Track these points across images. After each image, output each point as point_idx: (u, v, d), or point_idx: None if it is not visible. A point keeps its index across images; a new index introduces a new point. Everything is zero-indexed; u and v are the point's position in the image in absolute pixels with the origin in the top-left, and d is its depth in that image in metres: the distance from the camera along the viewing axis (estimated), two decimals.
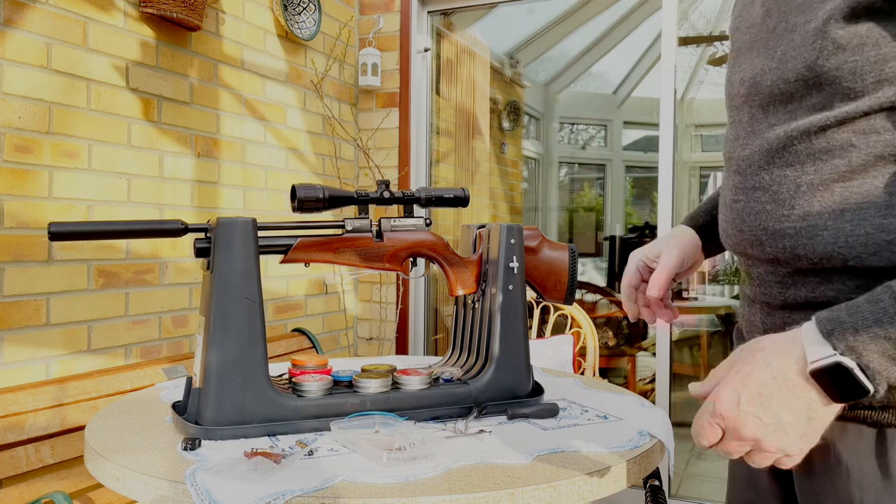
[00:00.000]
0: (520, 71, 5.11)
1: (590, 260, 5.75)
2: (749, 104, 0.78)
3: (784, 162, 0.72)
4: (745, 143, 0.78)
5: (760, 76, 0.76)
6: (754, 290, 0.81)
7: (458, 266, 1.28)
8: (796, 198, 0.71)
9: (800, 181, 0.71)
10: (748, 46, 0.80)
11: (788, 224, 0.72)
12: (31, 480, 1.58)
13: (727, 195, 0.81)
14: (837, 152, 0.68)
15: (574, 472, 0.92)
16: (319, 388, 1.13)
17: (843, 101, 0.68)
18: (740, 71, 0.81)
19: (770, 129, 0.74)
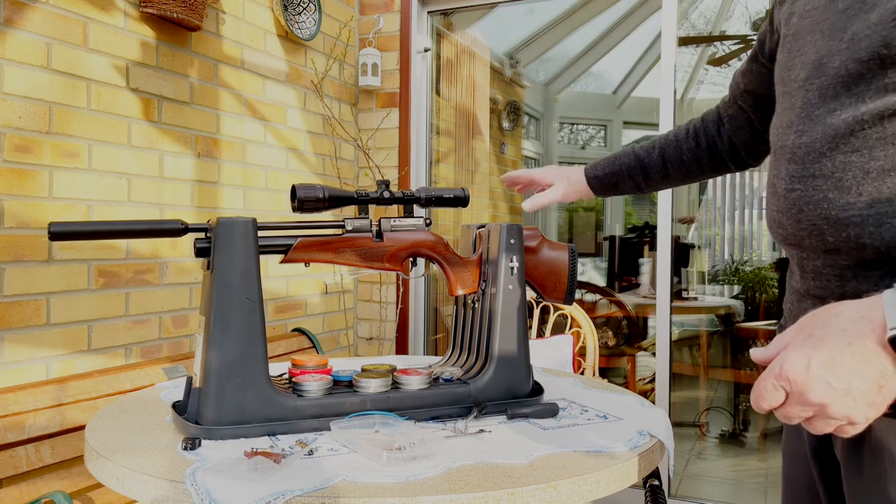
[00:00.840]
0: (520, 71, 5.12)
1: (589, 260, 5.75)
2: (806, 88, 0.76)
3: (850, 147, 0.70)
4: (801, 130, 0.75)
5: (827, 57, 0.73)
6: (807, 283, 0.78)
7: (458, 266, 1.28)
8: (864, 184, 0.69)
9: (868, 167, 0.69)
10: (808, 29, 0.78)
11: (854, 212, 0.70)
12: (32, 480, 1.58)
13: (779, 184, 0.78)
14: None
15: (574, 472, 0.92)
16: (319, 388, 1.13)
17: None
18: (801, 55, 0.78)
19: (831, 113, 0.72)
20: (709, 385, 3.98)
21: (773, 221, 0.82)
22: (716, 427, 3.67)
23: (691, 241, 4.96)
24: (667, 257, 2.70)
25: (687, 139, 1.16)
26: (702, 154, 1.16)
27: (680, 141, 1.16)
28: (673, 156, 1.16)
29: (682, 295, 4.19)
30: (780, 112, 0.83)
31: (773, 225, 0.82)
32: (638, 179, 1.19)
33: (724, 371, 3.99)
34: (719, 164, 1.17)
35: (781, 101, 0.83)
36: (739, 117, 1.12)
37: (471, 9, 3.30)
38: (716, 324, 4.19)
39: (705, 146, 1.15)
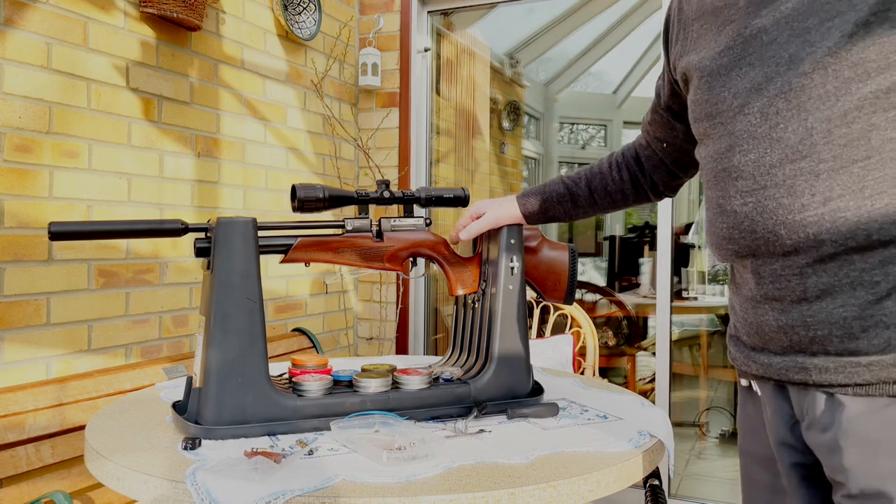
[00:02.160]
0: (520, 71, 5.11)
1: (590, 260, 5.74)
2: (745, 112, 0.80)
3: (798, 155, 0.74)
4: (745, 149, 0.80)
5: (765, 82, 0.78)
6: (765, 288, 0.81)
7: (458, 266, 1.28)
8: (815, 186, 0.73)
9: (817, 169, 0.73)
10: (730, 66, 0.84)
11: (810, 212, 0.74)
12: (32, 480, 1.58)
13: (728, 203, 0.82)
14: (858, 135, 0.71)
15: (574, 472, 0.93)
16: (319, 388, 1.13)
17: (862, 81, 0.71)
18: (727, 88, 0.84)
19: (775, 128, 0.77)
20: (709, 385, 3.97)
21: (721, 239, 0.86)
22: (716, 427, 3.67)
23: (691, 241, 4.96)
24: (667, 257, 2.70)
25: (611, 172, 1.24)
26: (626, 187, 1.23)
27: (604, 174, 1.24)
28: (599, 187, 1.24)
29: (682, 295, 4.18)
30: (710, 142, 0.87)
31: (723, 242, 0.86)
32: (567, 206, 1.27)
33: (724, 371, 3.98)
34: (642, 196, 1.25)
35: (710, 132, 0.87)
36: (654, 158, 1.21)
37: (471, 9, 3.29)
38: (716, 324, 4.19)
39: (628, 179, 1.23)
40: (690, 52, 0.94)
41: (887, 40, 0.70)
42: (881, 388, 0.73)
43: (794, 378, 0.81)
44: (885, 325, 0.72)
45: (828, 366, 0.76)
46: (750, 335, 0.86)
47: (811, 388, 0.79)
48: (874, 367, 0.73)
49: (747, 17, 0.82)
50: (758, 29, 0.80)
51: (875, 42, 0.71)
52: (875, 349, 0.73)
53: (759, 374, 0.86)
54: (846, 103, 0.72)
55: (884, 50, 0.70)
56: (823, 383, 0.77)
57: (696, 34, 0.93)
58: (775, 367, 0.83)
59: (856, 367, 0.74)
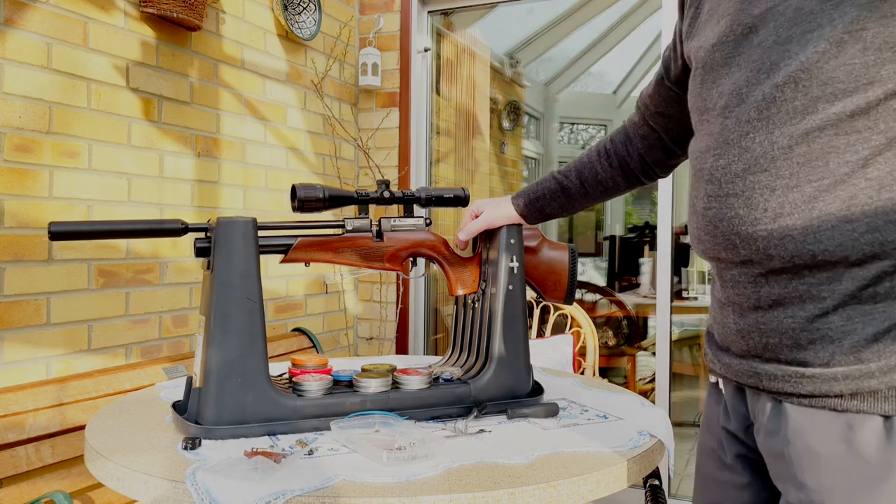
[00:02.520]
0: (520, 71, 5.11)
1: (590, 260, 5.74)
2: (725, 115, 0.80)
3: (759, 168, 0.75)
4: (718, 154, 0.80)
5: (745, 87, 0.78)
6: (726, 292, 0.83)
7: (458, 266, 1.28)
8: (770, 201, 0.74)
9: (774, 185, 0.74)
10: (722, 62, 0.83)
11: (761, 227, 0.75)
12: (32, 480, 1.58)
13: (698, 204, 0.84)
14: (817, 155, 0.72)
15: (574, 472, 0.93)
16: (319, 388, 1.13)
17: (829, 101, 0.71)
18: (717, 86, 0.84)
19: (744, 137, 0.77)
20: None
21: (694, 238, 0.87)
22: None
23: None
24: (667, 257, 2.70)
25: (600, 161, 1.23)
26: (616, 173, 1.22)
27: (594, 163, 1.23)
28: (589, 177, 1.23)
29: (682, 295, 4.18)
30: (698, 138, 0.88)
31: (695, 241, 0.87)
32: (561, 201, 1.26)
33: None
34: (632, 181, 1.24)
35: (699, 127, 0.88)
36: (651, 137, 1.18)
37: (471, 9, 3.29)
38: None
39: (617, 166, 1.22)
40: (698, 35, 0.92)
41: (859, 63, 0.70)
42: (823, 401, 0.74)
43: (748, 382, 0.82)
44: (831, 340, 0.73)
45: (777, 373, 0.78)
46: (719, 334, 0.88)
47: (762, 393, 0.81)
48: (817, 380, 0.74)
49: (740, 14, 0.81)
50: (749, 28, 0.80)
51: (846, 63, 0.70)
52: (820, 362, 0.74)
53: (722, 374, 0.88)
54: (810, 122, 0.72)
55: (854, 72, 0.70)
56: (772, 390, 0.79)
57: (706, 17, 0.91)
58: (734, 369, 0.85)
59: (801, 378, 0.75)
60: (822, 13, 0.72)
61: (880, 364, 0.70)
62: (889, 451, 0.70)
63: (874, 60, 0.69)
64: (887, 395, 0.70)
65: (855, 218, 0.70)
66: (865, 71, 0.70)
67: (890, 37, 0.69)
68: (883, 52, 0.69)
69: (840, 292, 0.72)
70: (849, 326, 0.72)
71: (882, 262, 0.70)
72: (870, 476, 0.70)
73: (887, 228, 0.69)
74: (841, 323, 0.72)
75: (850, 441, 0.71)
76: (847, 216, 0.70)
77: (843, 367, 0.72)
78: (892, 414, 0.70)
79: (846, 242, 0.70)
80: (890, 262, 0.70)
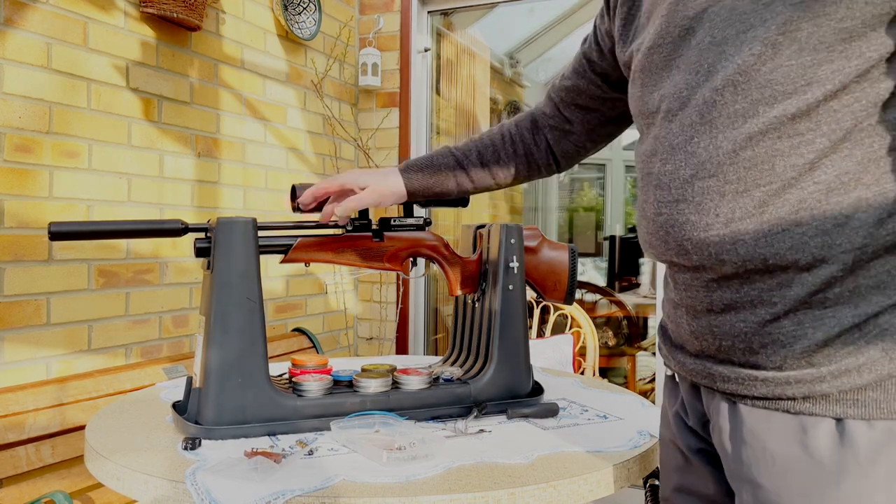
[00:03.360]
0: (520, 71, 5.11)
1: (590, 260, 5.74)
2: (668, 119, 0.80)
3: (707, 173, 0.75)
4: (664, 159, 0.80)
5: (686, 90, 0.78)
6: (679, 294, 0.83)
7: (458, 266, 1.28)
8: (720, 206, 0.74)
9: (723, 190, 0.73)
10: (660, 65, 0.82)
11: (713, 232, 0.74)
12: (32, 480, 1.58)
13: (648, 209, 0.83)
14: (762, 159, 0.71)
15: (574, 472, 0.93)
16: (319, 388, 1.13)
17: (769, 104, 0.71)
18: (658, 89, 0.83)
19: (689, 142, 0.76)
20: None
21: (645, 242, 0.87)
22: None
23: None
24: None
25: (504, 145, 1.19)
26: (519, 161, 1.20)
27: (497, 146, 1.19)
28: (491, 160, 1.19)
29: None
30: (643, 140, 0.87)
31: (646, 245, 0.87)
32: (460, 179, 1.20)
33: None
34: (533, 171, 1.21)
35: (644, 131, 0.87)
36: (564, 127, 1.17)
37: (471, 9, 3.29)
38: None
39: (522, 153, 1.19)
40: (636, 39, 0.91)
41: (795, 64, 0.69)
42: (777, 403, 0.74)
43: (702, 381, 0.83)
44: (782, 344, 0.73)
45: (730, 375, 0.78)
46: (674, 333, 0.88)
47: (716, 393, 0.81)
48: (770, 383, 0.74)
49: (675, 16, 0.80)
50: (685, 29, 0.79)
51: (782, 65, 0.70)
52: (772, 365, 0.74)
53: (677, 371, 0.88)
54: (752, 125, 0.71)
55: (791, 74, 0.69)
56: (726, 391, 0.79)
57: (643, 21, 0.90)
58: (688, 368, 0.85)
59: (754, 381, 0.76)
60: (754, 13, 0.72)
61: (831, 368, 0.71)
62: (842, 454, 0.70)
63: (810, 61, 0.69)
64: (838, 398, 0.71)
65: (804, 222, 0.70)
66: (803, 72, 0.69)
67: (824, 37, 0.68)
68: (819, 53, 0.68)
69: (790, 297, 0.72)
70: (800, 331, 0.72)
71: (831, 266, 0.70)
72: (823, 478, 0.71)
73: (835, 232, 0.69)
74: (792, 328, 0.73)
75: (805, 443, 0.72)
76: (796, 220, 0.70)
77: (795, 371, 0.73)
78: (843, 417, 0.70)
79: (796, 246, 0.70)
80: (838, 268, 0.70)
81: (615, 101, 1.11)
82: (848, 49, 0.68)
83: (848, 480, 0.70)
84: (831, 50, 0.68)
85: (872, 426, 0.70)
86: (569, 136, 1.17)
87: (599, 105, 1.12)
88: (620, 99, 1.09)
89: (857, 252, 0.70)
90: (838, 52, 0.68)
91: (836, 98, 0.69)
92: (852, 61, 0.68)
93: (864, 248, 0.70)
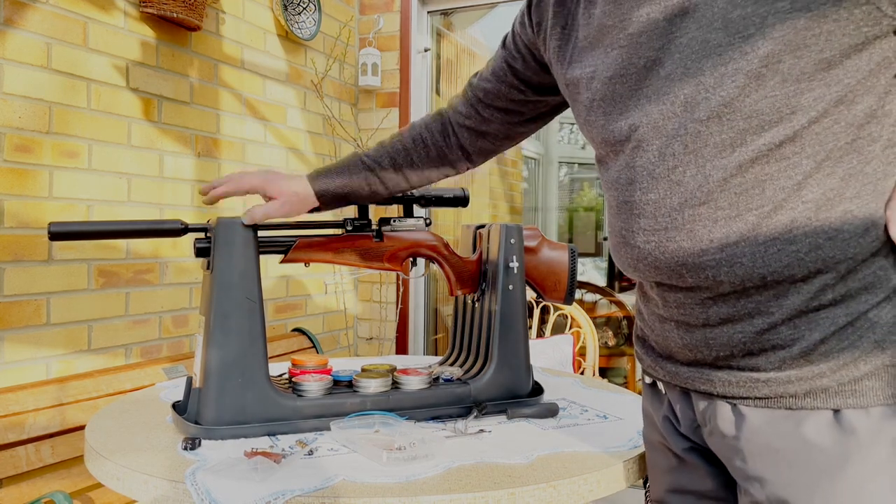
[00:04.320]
0: None
1: (590, 260, 5.74)
2: (643, 149, 0.81)
3: (696, 201, 0.76)
4: (645, 188, 0.81)
5: (662, 121, 0.79)
6: (669, 311, 0.84)
7: (458, 266, 1.28)
8: (713, 232, 0.76)
9: (715, 216, 0.76)
10: (625, 95, 0.83)
11: (708, 257, 0.76)
12: (32, 480, 1.58)
13: (631, 237, 0.84)
14: (752, 184, 0.74)
15: (574, 472, 0.93)
16: (319, 388, 1.13)
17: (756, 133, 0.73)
18: (624, 118, 0.83)
19: (673, 171, 0.78)
20: None
21: (627, 266, 0.87)
22: None
23: None
24: None
25: (416, 148, 1.20)
26: (432, 163, 1.20)
27: (409, 150, 1.20)
28: (404, 163, 1.19)
29: None
30: (608, 167, 0.88)
31: (628, 269, 0.88)
32: (374, 187, 1.19)
33: None
34: (447, 171, 1.22)
35: (611, 157, 0.88)
36: (481, 128, 1.18)
37: (471, 9, 3.29)
38: None
39: (435, 155, 1.20)
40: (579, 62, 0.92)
41: (780, 94, 0.72)
42: (779, 401, 0.77)
43: (700, 388, 0.84)
44: (780, 347, 0.76)
45: (731, 379, 0.80)
46: (658, 344, 0.89)
47: (716, 397, 0.82)
48: (772, 384, 0.77)
49: (639, 48, 0.81)
50: (652, 61, 0.80)
51: (767, 96, 0.72)
52: (772, 367, 0.77)
53: (665, 380, 0.88)
54: (741, 154, 0.74)
55: (776, 104, 0.72)
56: (727, 395, 0.81)
57: (583, 43, 0.91)
58: (681, 377, 0.86)
59: (755, 383, 0.78)
60: (730, 46, 0.74)
61: (829, 364, 0.74)
62: (843, 441, 0.73)
63: (794, 91, 0.72)
64: (837, 390, 0.74)
65: (798, 239, 0.73)
66: (787, 101, 0.72)
67: (805, 67, 0.71)
68: (801, 83, 0.71)
69: (787, 306, 0.75)
70: (796, 334, 0.75)
71: (825, 275, 0.74)
72: (828, 466, 0.73)
73: (828, 245, 0.73)
74: (789, 332, 0.75)
75: (806, 436, 0.75)
76: (790, 238, 0.73)
77: (795, 370, 0.75)
78: (841, 407, 0.74)
79: (792, 263, 0.73)
80: (832, 276, 0.74)
81: (536, 103, 1.13)
82: (827, 77, 0.71)
83: (851, 465, 0.72)
84: (812, 79, 0.71)
85: (869, 413, 0.73)
86: (485, 136, 1.19)
87: (520, 107, 1.14)
88: (542, 101, 1.12)
89: (849, 261, 0.73)
90: (818, 80, 0.71)
91: (818, 122, 0.72)
92: (832, 88, 0.71)
93: (854, 257, 0.73)
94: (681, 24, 0.77)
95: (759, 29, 0.72)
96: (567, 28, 0.96)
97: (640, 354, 0.95)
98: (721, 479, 0.87)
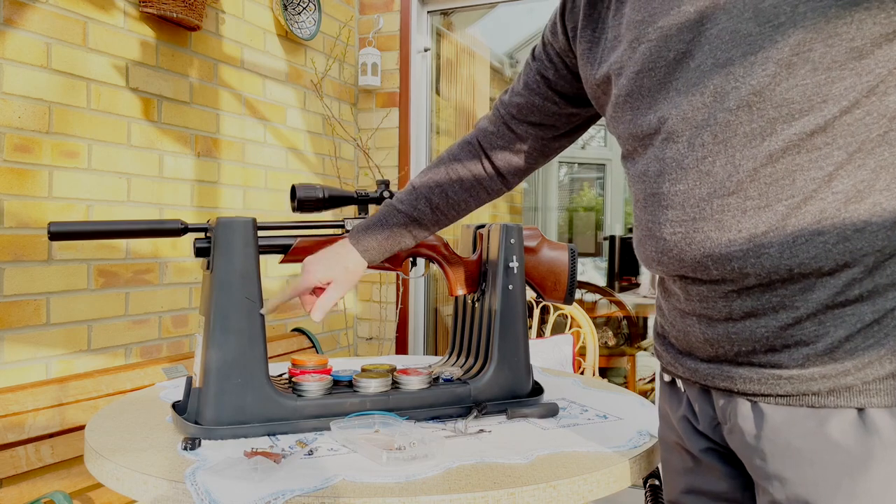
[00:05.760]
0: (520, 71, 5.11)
1: (589, 260, 5.74)
2: (674, 140, 0.81)
3: (725, 191, 0.76)
4: (674, 178, 0.81)
5: (691, 112, 0.79)
6: (693, 305, 0.84)
7: (458, 266, 1.28)
8: (742, 222, 0.76)
9: (745, 206, 0.75)
10: (654, 88, 0.83)
11: (736, 248, 0.76)
12: (31, 480, 1.58)
13: (658, 229, 0.84)
14: (783, 174, 0.74)
15: (574, 472, 0.93)
16: (319, 388, 1.13)
17: (787, 122, 0.73)
18: (653, 111, 0.84)
19: (702, 161, 0.78)
20: None
21: (650, 260, 0.87)
22: None
23: None
24: None
25: (451, 184, 1.18)
26: (467, 192, 1.18)
27: (444, 186, 1.18)
28: (440, 203, 1.18)
29: None
30: (637, 161, 0.88)
31: (651, 263, 0.88)
32: (415, 233, 1.19)
33: None
34: (483, 196, 1.20)
35: (639, 151, 0.88)
36: (514, 146, 1.15)
37: (471, 9, 3.29)
38: None
39: (469, 185, 1.18)
40: (606, 61, 0.93)
41: (810, 83, 0.72)
42: (801, 399, 0.76)
43: (720, 385, 0.83)
44: (805, 343, 0.75)
45: (752, 376, 0.79)
46: (678, 340, 0.89)
47: (735, 395, 0.82)
48: (794, 381, 0.76)
49: (668, 40, 0.82)
50: (682, 53, 0.80)
51: (798, 84, 0.72)
52: (795, 363, 0.76)
53: (685, 377, 0.88)
54: (772, 143, 0.74)
55: (807, 93, 0.72)
56: (748, 392, 0.80)
57: (611, 43, 0.92)
58: (701, 373, 0.85)
59: (777, 380, 0.77)
60: (761, 35, 0.74)
61: (854, 362, 0.73)
62: (867, 441, 0.72)
63: (825, 79, 0.71)
64: (862, 389, 0.73)
65: (826, 231, 0.73)
66: (818, 90, 0.72)
67: (836, 56, 0.71)
68: (832, 71, 0.71)
69: (813, 301, 0.74)
70: (821, 330, 0.75)
71: (852, 269, 0.73)
72: (852, 465, 0.73)
73: (856, 238, 0.72)
74: (813, 328, 0.75)
75: (828, 434, 0.74)
76: (819, 229, 0.73)
77: (819, 367, 0.75)
78: (865, 406, 0.73)
79: (820, 255, 0.73)
80: (859, 270, 0.73)
81: (571, 115, 1.11)
82: (858, 66, 0.71)
83: (875, 465, 0.72)
84: (843, 68, 0.71)
85: (894, 412, 0.72)
86: (519, 154, 1.16)
87: (555, 121, 1.12)
88: (575, 113, 1.10)
89: (876, 255, 0.73)
90: (849, 69, 0.71)
91: (849, 113, 0.72)
92: (863, 77, 0.71)
93: (882, 250, 0.73)
94: (711, 15, 0.77)
95: (790, 17, 0.72)
96: (597, 31, 0.96)
97: (659, 351, 0.94)
98: (738, 481, 0.87)
